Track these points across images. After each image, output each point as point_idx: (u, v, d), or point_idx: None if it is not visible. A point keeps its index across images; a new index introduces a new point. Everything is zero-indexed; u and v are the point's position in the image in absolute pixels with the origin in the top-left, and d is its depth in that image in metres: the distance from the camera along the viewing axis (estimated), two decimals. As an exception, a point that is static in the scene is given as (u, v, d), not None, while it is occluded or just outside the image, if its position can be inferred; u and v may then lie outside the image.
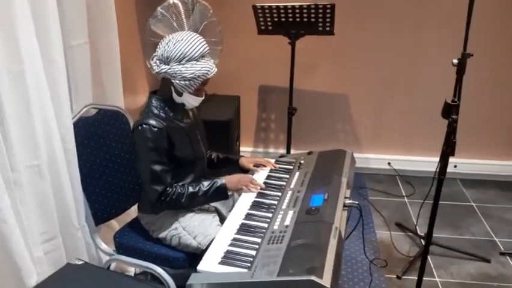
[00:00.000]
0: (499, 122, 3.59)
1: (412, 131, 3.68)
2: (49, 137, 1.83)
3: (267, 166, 2.20)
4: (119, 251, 2.11)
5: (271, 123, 3.82)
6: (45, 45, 1.75)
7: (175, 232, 1.97)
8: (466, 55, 2.34)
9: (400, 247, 2.87)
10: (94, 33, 2.20)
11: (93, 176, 2.11)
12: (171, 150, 1.91)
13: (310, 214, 1.71)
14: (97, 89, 2.32)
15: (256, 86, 3.72)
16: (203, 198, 1.95)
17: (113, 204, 2.18)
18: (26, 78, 1.66)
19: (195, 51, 1.82)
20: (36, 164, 1.79)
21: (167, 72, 1.84)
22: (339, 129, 3.77)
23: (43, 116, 1.78)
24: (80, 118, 2.09)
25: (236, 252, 1.59)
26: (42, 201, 1.85)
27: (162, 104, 1.94)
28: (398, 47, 3.47)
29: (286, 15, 2.85)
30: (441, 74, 3.34)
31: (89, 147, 2.11)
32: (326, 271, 1.38)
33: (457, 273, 2.66)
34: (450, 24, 3.17)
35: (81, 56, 2.13)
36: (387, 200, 3.47)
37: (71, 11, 2.00)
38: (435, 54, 3.40)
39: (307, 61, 3.41)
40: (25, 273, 1.66)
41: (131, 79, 2.88)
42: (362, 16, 3.43)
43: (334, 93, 3.66)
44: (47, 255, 1.88)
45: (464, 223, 3.16)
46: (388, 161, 3.78)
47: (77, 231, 2.04)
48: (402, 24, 3.41)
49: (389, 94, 3.62)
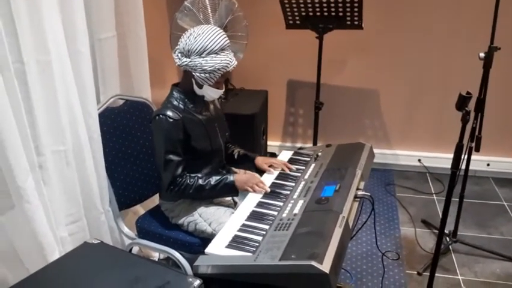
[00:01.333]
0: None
1: (443, 127, 3.61)
2: (74, 125, 1.93)
3: (280, 167, 2.16)
4: (140, 235, 2.20)
5: (299, 117, 3.84)
6: (71, 37, 1.85)
7: (192, 219, 2.04)
8: (492, 48, 2.30)
9: (424, 244, 2.83)
10: (122, 27, 2.30)
11: (118, 163, 2.21)
12: (187, 141, 1.97)
13: (319, 203, 1.73)
14: (125, 80, 2.42)
15: (284, 81, 3.74)
16: (211, 192, 1.99)
17: (137, 191, 2.27)
18: (53, 69, 1.77)
19: (215, 45, 1.87)
20: (63, 149, 1.90)
21: (188, 65, 1.91)
22: (367, 125, 3.75)
23: (69, 105, 1.89)
24: (107, 108, 2.20)
25: (244, 237, 1.64)
26: (68, 185, 1.96)
27: (183, 96, 2.01)
28: (428, 41, 3.41)
29: (313, 9, 2.86)
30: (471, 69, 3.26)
31: (115, 135, 2.21)
32: (326, 258, 1.41)
33: (481, 272, 2.60)
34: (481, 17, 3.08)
35: (109, 48, 2.23)
36: (415, 197, 3.42)
37: (99, 5, 2.10)
38: (467, 49, 3.31)
39: (335, 56, 3.41)
40: (47, 252, 1.77)
41: (160, 71, 2.98)
42: (391, 10, 3.39)
43: (362, 89, 3.64)
44: (71, 236, 2.00)
45: (494, 222, 3.08)
46: (418, 157, 3.73)
47: (101, 215, 2.14)
48: (433, 18, 3.35)
49: (418, 90, 3.56)
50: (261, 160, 2.24)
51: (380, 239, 2.83)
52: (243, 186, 1.99)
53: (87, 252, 1.59)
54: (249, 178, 2.02)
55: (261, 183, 1.99)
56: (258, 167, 2.23)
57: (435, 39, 3.40)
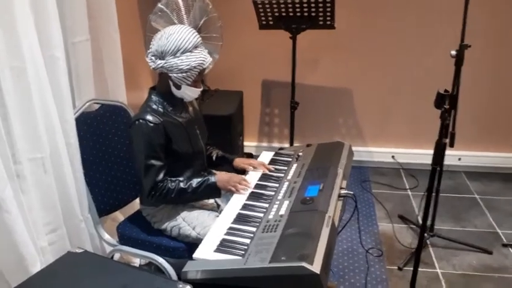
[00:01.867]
0: (502, 114, 3.59)
1: (415, 124, 3.69)
2: (51, 132, 1.88)
3: (260, 169, 2.15)
4: (121, 242, 2.16)
5: (275, 117, 3.85)
6: (45, 42, 1.80)
7: (175, 223, 2.02)
8: (463, 46, 2.35)
9: (402, 239, 2.89)
10: (95, 30, 2.25)
11: (96, 169, 2.16)
12: (169, 145, 1.95)
13: (305, 204, 1.74)
14: (100, 84, 2.37)
15: (259, 81, 3.75)
16: (193, 195, 1.98)
17: (116, 196, 2.23)
18: (28, 75, 1.71)
19: (188, 43, 1.86)
20: (39, 157, 1.84)
21: (164, 66, 1.88)
22: (341, 123, 3.79)
23: (45, 111, 1.83)
24: (83, 113, 2.15)
25: (231, 240, 1.63)
26: (46, 193, 1.90)
27: (161, 99, 1.98)
28: (400, 40, 3.48)
29: (286, 9, 2.87)
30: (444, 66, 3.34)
31: (92, 141, 2.16)
32: (316, 258, 1.41)
33: (459, 264, 2.67)
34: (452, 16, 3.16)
35: (83, 52, 2.18)
36: (390, 193, 3.48)
37: (71, 9, 2.05)
38: (440, 47, 3.39)
39: (309, 55, 3.43)
40: (29, 262, 1.71)
41: (134, 74, 2.93)
42: (363, 9, 3.44)
43: (337, 88, 3.68)
44: (51, 245, 1.94)
45: (468, 215, 3.17)
46: (392, 154, 3.79)
47: (80, 222, 2.09)
48: (405, 16, 3.42)
49: (392, 87, 3.63)
50: (239, 161, 2.24)
51: (361, 236, 2.86)
52: (226, 186, 1.97)
53: (71, 261, 1.54)
54: (230, 177, 2.01)
55: (244, 181, 1.98)
56: (236, 167, 2.22)
57: (407, 38, 3.47)
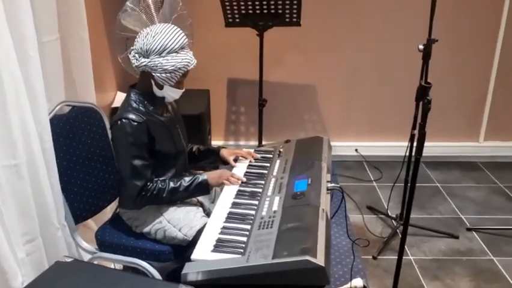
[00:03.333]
0: (459, 105, 3.76)
1: (378, 117, 3.80)
2: (27, 136, 1.77)
3: (247, 158, 2.21)
4: (101, 248, 2.08)
5: (241, 115, 3.84)
6: (19, 41, 1.69)
7: (160, 226, 1.97)
8: (431, 41, 2.45)
9: (373, 229, 2.97)
10: (64, 29, 2.15)
11: (70, 174, 2.06)
12: (152, 145, 1.90)
13: (296, 199, 1.75)
14: (69, 86, 2.27)
15: (225, 79, 3.73)
16: (184, 194, 1.95)
17: (92, 202, 2.14)
18: (2, 76, 1.61)
19: (175, 43, 1.82)
20: (14, 163, 1.74)
21: (147, 65, 1.83)
22: (307, 119, 3.85)
23: (20, 114, 1.72)
24: (55, 116, 2.04)
25: (227, 239, 1.62)
26: (22, 201, 1.79)
27: (141, 98, 1.93)
28: (363, 35, 3.58)
29: (253, 6, 2.88)
30: (404, 60, 3.46)
31: (65, 144, 2.06)
32: (318, 251, 1.43)
33: (429, 250, 2.78)
34: (415, 11, 3.28)
35: (53, 52, 2.07)
36: (356, 185, 3.57)
37: (41, 6, 1.94)
38: (399, 41, 3.52)
39: (276, 53, 3.45)
40: (10, 276, 1.62)
41: (100, 75, 2.83)
42: (328, 7, 3.50)
43: (302, 84, 3.73)
44: (28, 256, 1.83)
45: (432, 203, 3.30)
46: (355, 147, 3.89)
47: (57, 230, 1.98)
48: (368, 13, 3.52)
49: (354, 82, 3.72)
50: (226, 152, 2.23)
51: (333, 228, 2.92)
52: (217, 181, 1.98)
53: (62, 272, 1.48)
54: (221, 173, 2.01)
55: (235, 175, 1.99)
56: (223, 158, 2.21)
57: (370, 34, 3.57)
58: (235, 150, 2.25)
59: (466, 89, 3.72)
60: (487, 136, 3.87)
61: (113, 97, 3.14)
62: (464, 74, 3.68)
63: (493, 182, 3.59)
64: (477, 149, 3.88)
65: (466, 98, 3.75)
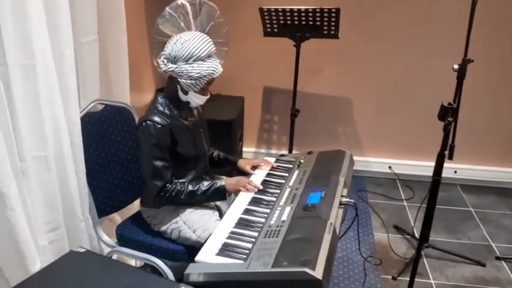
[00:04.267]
0: (498, 128, 3.63)
1: (413, 135, 3.72)
2: (57, 130, 1.89)
3: (266, 166, 2.24)
4: (120, 243, 2.17)
5: (275, 124, 3.88)
6: (56, 40, 1.81)
7: (176, 226, 2.03)
8: (466, 61, 2.40)
9: (397, 249, 2.91)
10: (103, 31, 2.27)
11: (98, 169, 2.17)
12: (174, 147, 1.97)
13: (306, 210, 1.76)
14: (105, 85, 2.38)
15: (261, 87, 3.78)
16: (201, 198, 2.00)
17: (117, 197, 2.24)
18: (37, 72, 1.73)
19: (202, 51, 1.88)
20: (43, 155, 1.85)
21: (174, 71, 1.90)
22: (340, 131, 3.82)
23: (52, 109, 1.84)
24: (87, 113, 2.16)
25: (233, 244, 1.65)
26: (48, 191, 1.91)
27: (167, 102, 2.00)
28: (400, 52, 3.52)
29: (292, 18, 2.91)
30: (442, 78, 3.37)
31: (95, 141, 2.17)
32: (318, 264, 1.43)
33: (452, 276, 2.70)
34: (452, 29, 3.21)
35: (90, 52, 2.20)
36: (386, 203, 3.51)
37: (81, 8, 2.07)
38: (437, 59, 3.45)
39: (312, 64, 3.47)
40: (29, 261, 1.72)
41: (138, 77, 2.95)
42: (367, 21, 3.48)
43: (337, 96, 3.72)
44: (51, 244, 1.95)
45: (462, 227, 3.20)
46: (389, 164, 3.83)
47: (80, 222, 2.09)
48: (406, 29, 3.46)
49: (391, 98, 3.67)
50: (243, 162, 2.27)
51: (355, 244, 2.88)
52: (235, 188, 2.01)
53: (73, 261, 1.55)
54: (239, 180, 2.05)
55: (252, 183, 2.03)
56: (240, 169, 2.25)
57: (409, 50, 3.51)
58: (253, 160, 2.28)
59: (502, 112, 3.59)
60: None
61: (150, 98, 3.25)
62: (501, 96, 3.55)
63: (530, 211, 3.43)
64: (516, 175, 3.73)
65: (503, 121, 3.61)
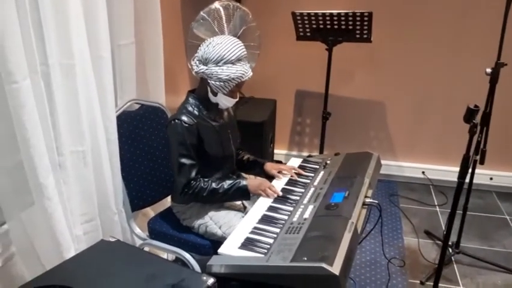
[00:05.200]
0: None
1: (447, 140, 3.67)
2: (94, 127, 2.00)
3: (289, 173, 2.23)
4: (151, 236, 2.27)
5: (306, 127, 3.91)
6: (94, 42, 1.92)
7: (203, 221, 2.10)
8: (499, 64, 2.36)
9: (427, 254, 2.88)
10: (140, 34, 2.38)
11: (132, 165, 2.27)
12: (200, 146, 2.04)
13: (329, 209, 1.79)
14: (141, 86, 2.50)
15: (293, 91, 3.82)
16: (224, 196, 2.06)
17: (150, 193, 2.34)
18: (76, 72, 1.84)
19: (232, 55, 1.94)
20: (81, 150, 1.96)
21: (205, 72, 1.97)
22: (373, 136, 3.81)
23: (89, 107, 1.96)
24: (124, 112, 2.27)
25: (255, 239, 1.70)
26: (84, 185, 2.02)
27: (197, 102, 2.08)
28: (434, 55, 3.49)
29: (324, 22, 2.94)
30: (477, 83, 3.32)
31: (130, 139, 2.27)
32: (336, 260, 1.46)
33: (483, 283, 2.65)
34: (487, 32, 3.17)
35: (127, 54, 2.31)
36: (418, 208, 3.47)
37: (120, 13, 2.18)
38: (472, 63, 3.39)
39: (344, 67, 3.49)
40: (64, 248, 1.82)
41: (174, 78, 3.06)
42: (399, 25, 3.47)
43: (369, 100, 3.71)
44: (85, 235, 2.06)
45: (497, 235, 3.13)
46: (422, 170, 3.78)
47: (114, 215, 2.20)
48: (439, 33, 3.43)
49: (424, 103, 3.63)
50: (270, 166, 2.30)
51: (384, 248, 2.88)
52: (256, 190, 2.05)
53: (104, 249, 1.64)
54: (261, 183, 2.08)
55: (273, 188, 2.05)
56: (267, 172, 2.29)
57: (442, 54, 3.47)
58: (280, 165, 2.29)
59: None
60: None
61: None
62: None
63: None
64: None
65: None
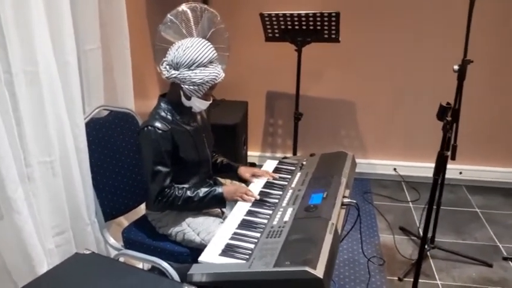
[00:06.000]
0: (503, 128, 3.62)
1: (417, 137, 3.73)
2: (62, 136, 1.92)
3: (265, 177, 2.21)
4: (126, 246, 2.19)
5: (278, 128, 3.90)
6: (59, 48, 1.85)
7: (180, 228, 2.05)
8: (466, 61, 2.41)
9: (403, 250, 2.91)
10: (106, 39, 2.31)
11: (103, 174, 2.20)
12: (175, 152, 1.99)
13: (308, 211, 1.77)
14: (109, 92, 2.42)
15: (264, 92, 3.81)
16: (199, 204, 2.01)
17: (122, 201, 2.27)
18: (41, 79, 1.76)
19: (204, 57, 1.90)
20: (49, 160, 1.89)
21: (177, 77, 1.93)
22: (344, 134, 3.84)
23: (56, 115, 1.88)
24: (92, 119, 2.20)
25: (236, 245, 1.67)
26: (54, 196, 1.94)
27: (170, 107, 2.03)
28: (402, 54, 3.54)
29: (292, 23, 2.94)
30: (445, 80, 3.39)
31: (100, 146, 2.20)
32: (319, 263, 1.44)
33: (459, 276, 2.69)
34: (452, 30, 3.23)
35: (94, 60, 2.24)
36: (392, 205, 3.51)
37: (84, 17, 2.11)
38: (440, 60, 3.46)
39: (314, 68, 3.49)
40: (36, 263, 1.75)
41: (142, 83, 2.99)
42: (366, 24, 3.51)
43: (340, 100, 3.74)
44: (58, 248, 1.98)
45: (468, 228, 3.19)
46: (394, 166, 3.83)
47: (87, 226, 2.13)
48: (406, 32, 3.48)
49: (393, 100, 3.68)
50: (244, 170, 2.28)
51: (357, 246, 2.89)
52: (232, 196, 2.01)
53: (79, 262, 1.58)
54: (237, 188, 2.05)
55: (250, 192, 2.02)
56: (240, 176, 2.26)
57: (410, 52, 3.53)
58: (254, 169, 2.27)
59: (507, 113, 3.58)
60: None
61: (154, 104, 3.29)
62: (505, 96, 3.55)
63: (537, 211, 3.42)
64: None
65: (508, 122, 3.60)
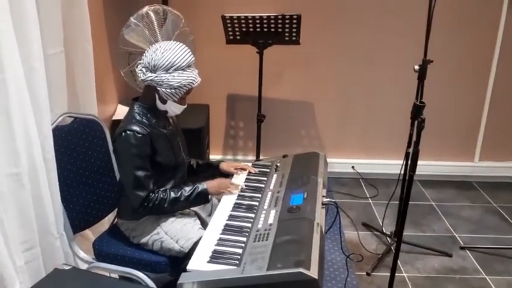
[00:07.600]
0: (455, 125, 3.82)
1: (374, 135, 3.86)
2: (29, 146, 1.81)
3: (247, 170, 2.25)
4: (98, 258, 2.11)
5: (240, 130, 3.90)
6: (26, 54, 1.75)
7: (157, 237, 2.00)
8: (426, 61, 2.50)
9: (368, 245, 2.99)
10: (68, 42, 2.20)
11: (70, 184, 2.10)
12: (154, 156, 1.94)
13: (292, 212, 1.79)
14: (72, 97, 2.32)
15: (225, 95, 3.79)
16: (185, 203, 2.00)
17: (91, 212, 2.18)
18: (7, 87, 1.66)
19: (182, 61, 1.87)
20: (16, 172, 1.77)
21: (154, 80, 1.88)
22: (303, 135, 3.90)
23: (24, 124, 1.77)
24: (57, 127, 2.09)
25: (223, 251, 1.64)
26: (23, 209, 1.82)
27: (145, 111, 1.98)
28: (359, 54, 3.65)
29: (254, 25, 2.94)
30: (400, 79, 3.53)
31: (66, 155, 2.10)
32: (312, 263, 1.46)
33: (423, 268, 2.81)
34: (410, 31, 3.35)
35: (57, 64, 2.13)
36: (352, 201, 3.60)
37: (47, 19, 2.00)
38: (395, 60, 3.60)
39: (275, 70, 3.51)
40: (8, 283, 1.64)
41: (102, 87, 2.88)
42: (326, 25, 3.58)
43: (299, 101, 3.79)
44: (27, 264, 1.86)
45: (426, 221, 3.34)
46: (352, 164, 3.93)
47: (56, 240, 2.01)
48: (364, 33, 3.59)
49: (351, 100, 3.79)
50: (226, 165, 2.30)
51: (327, 244, 2.94)
52: (217, 190, 2.03)
53: (60, 278, 1.50)
54: (220, 182, 2.07)
55: (233, 184, 2.04)
56: (224, 171, 2.27)
57: (369, 53, 3.65)
58: (236, 164, 2.31)
59: (461, 109, 3.79)
60: (482, 156, 3.91)
61: (114, 110, 3.19)
62: (460, 94, 3.74)
63: (487, 201, 3.62)
64: (472, 168, 3.92)
65: (462, 118, 3.81)
